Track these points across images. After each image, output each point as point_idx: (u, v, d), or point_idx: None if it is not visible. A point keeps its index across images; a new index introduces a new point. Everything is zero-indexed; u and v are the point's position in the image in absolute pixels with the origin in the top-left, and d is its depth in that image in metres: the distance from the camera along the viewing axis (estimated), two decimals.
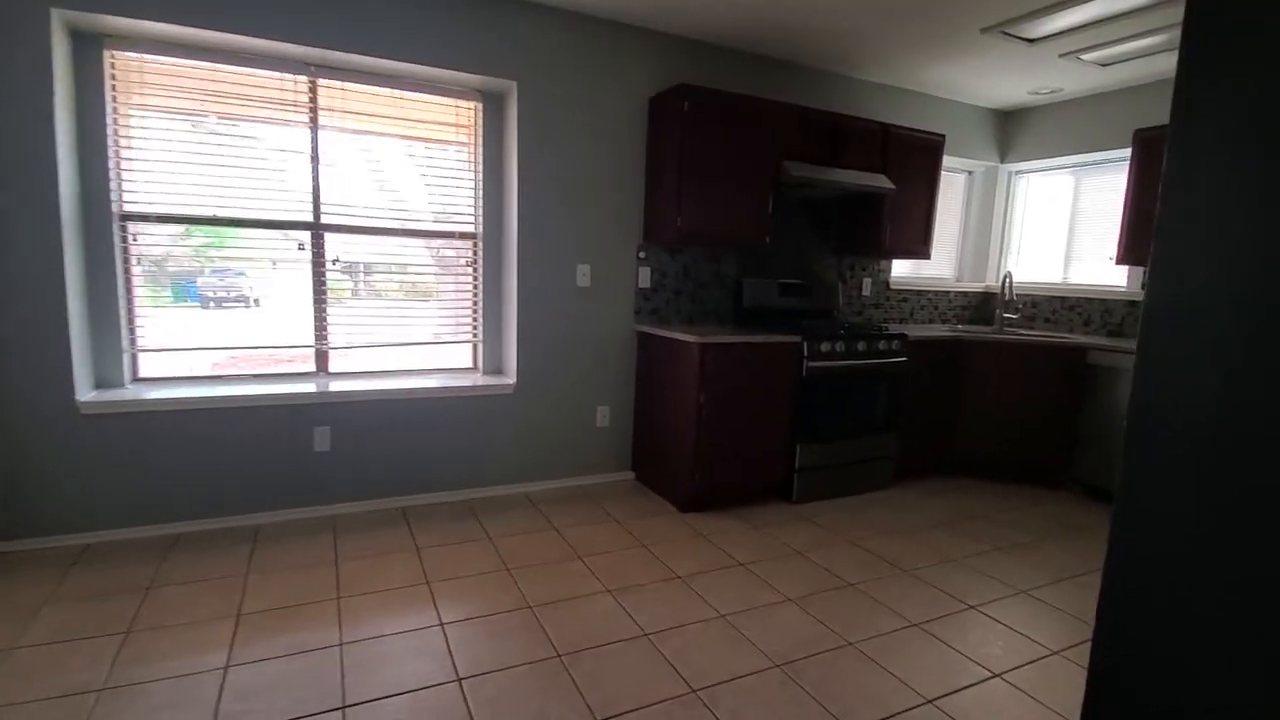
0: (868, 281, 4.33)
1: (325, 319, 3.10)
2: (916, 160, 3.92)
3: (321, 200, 3.02)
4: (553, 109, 3.19)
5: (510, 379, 3.31)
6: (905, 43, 3.43)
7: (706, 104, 3.17)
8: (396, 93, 3.10)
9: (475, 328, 3.41)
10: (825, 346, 3.32)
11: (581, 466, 3.52)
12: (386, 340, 3.22)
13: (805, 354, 3.27)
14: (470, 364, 3.46)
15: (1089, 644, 2.18)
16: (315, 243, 3.04)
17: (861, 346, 3.43)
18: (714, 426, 3.12)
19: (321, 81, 2.97)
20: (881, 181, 3.65)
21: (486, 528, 2.90)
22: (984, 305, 4.92)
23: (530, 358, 3.31)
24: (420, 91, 3.14)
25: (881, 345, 3.50)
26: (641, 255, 3.52)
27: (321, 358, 3.15)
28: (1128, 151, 3.80)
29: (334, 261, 3.09)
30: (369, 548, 2.66)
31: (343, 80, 2.99)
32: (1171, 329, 1.16)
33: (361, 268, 3.21)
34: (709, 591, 2.40)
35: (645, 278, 3.54)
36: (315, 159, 2.99)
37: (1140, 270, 3.97)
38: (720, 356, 3.08)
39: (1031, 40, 3.30)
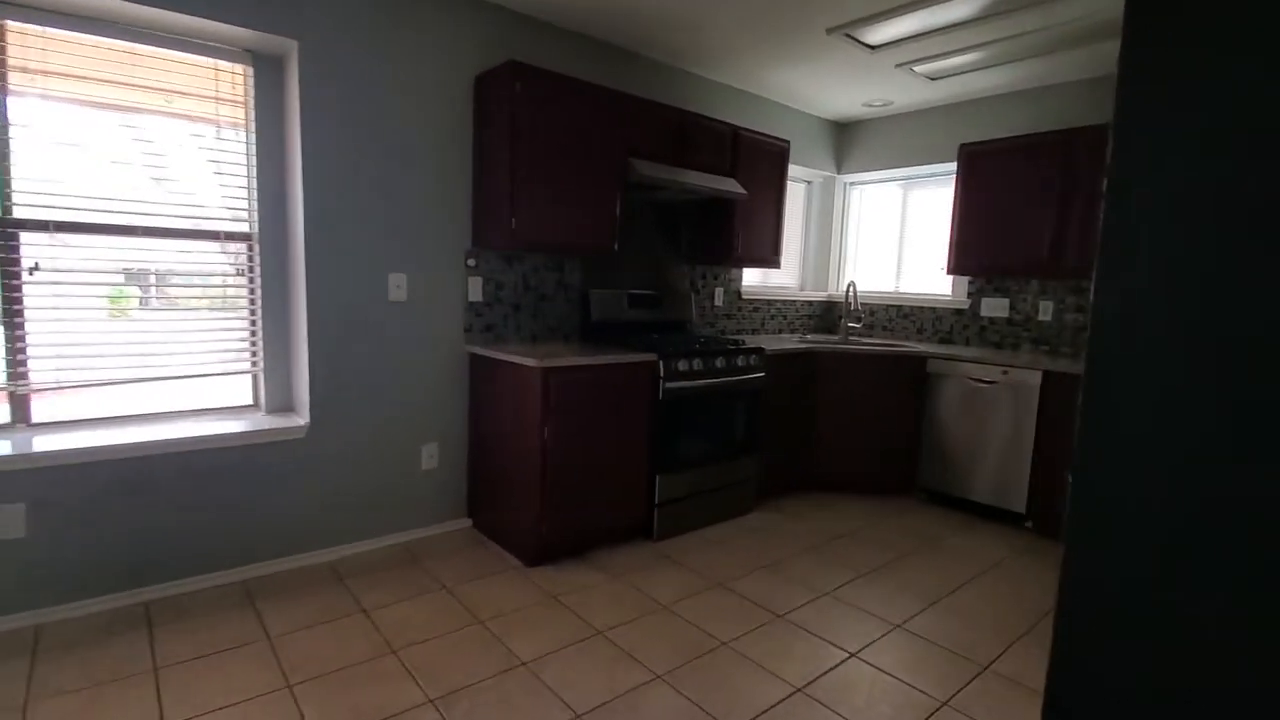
0: (720, 291, 4.13)
1: (21, 350, 2.24)
2: (764, 166, 3.77)
3: (13, 188, 2.19)
4: (348, 80, 2.57)
5: (302, 419, 2.62)
6: (752, 38, 3.23)
7: (543, 87, 2.73)
8: (128, 46, 2.32)
9: (254, 355, 2.68)
10: (683, 365, 3.01)
11: (404, 519, 2.91)
12: (121, 376, 2.41)
13: (662, 374, 2.94)
14: (250, 401, 2.73)
15: (973, 686, 2.04)
16: (5, 243, 2.19)
17: (721, 363, 3.17)
18: (562, 462, 2.67)
19: (11, 24, 2.14)
20: (733, 186, 3.43)
21: (266, 622, 2.21)
22: (827, 314, 4.95)
23: (329, 390, 2.65)
24: (161, 46, 2.38)
25: (740, 361, 3.27)
26: (471, 263, 2.99)
27: (20, 403, 2.28)
28: (953, 165, 3.93)
29: (31, 270, 2.25)
30: (83, 674, 1.88)
31: (43, 24, 2.17)
32: (1119, 335, 1.10)
33: (155, 278, 2.49)
34: (563, 680, 1.95)
35: (477, 290, 3.02)
36: (3, 133, 2.15)
37: (965, 280, 4.15)
38: (566, 381, 2.65)
39: (873, 47, 3.25)
